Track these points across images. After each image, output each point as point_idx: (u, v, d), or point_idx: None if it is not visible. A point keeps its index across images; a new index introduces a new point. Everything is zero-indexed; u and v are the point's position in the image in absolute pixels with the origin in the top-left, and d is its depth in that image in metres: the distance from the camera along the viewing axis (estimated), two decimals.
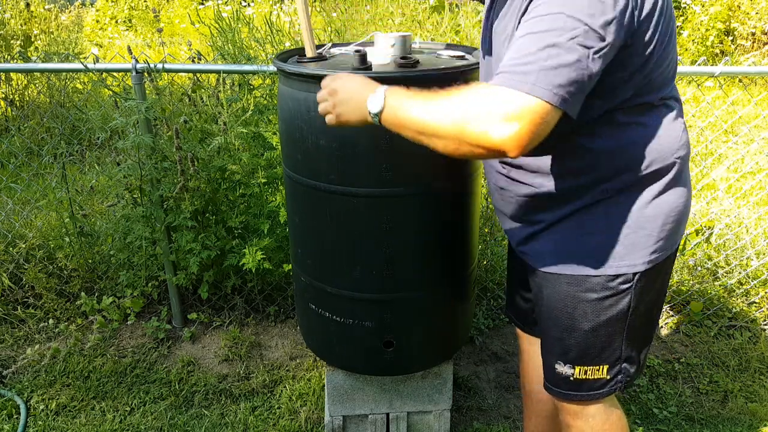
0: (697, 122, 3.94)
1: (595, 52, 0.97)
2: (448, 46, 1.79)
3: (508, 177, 1.30)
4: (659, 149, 1.17)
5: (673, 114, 1.20)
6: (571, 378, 1.33)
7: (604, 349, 1.29)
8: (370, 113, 1.10)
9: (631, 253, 1.21)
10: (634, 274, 1.22)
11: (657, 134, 1.17)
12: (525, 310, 1.58)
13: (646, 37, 1.06)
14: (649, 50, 1.08)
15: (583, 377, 1.32)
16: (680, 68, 2.23)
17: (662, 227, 1.21)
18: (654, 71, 1.11)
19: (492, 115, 0.95)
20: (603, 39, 0.97)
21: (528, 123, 0.94)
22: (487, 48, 1.29)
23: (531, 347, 1.63)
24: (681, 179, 1.23)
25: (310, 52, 1.56)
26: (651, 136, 1.17)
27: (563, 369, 1.33)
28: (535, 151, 1.04)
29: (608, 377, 1.32)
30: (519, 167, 1.26)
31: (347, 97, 1.14)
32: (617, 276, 1.22)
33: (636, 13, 1.02)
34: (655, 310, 1.34)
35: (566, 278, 1.26)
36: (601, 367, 1.31)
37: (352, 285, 1.60)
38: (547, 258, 1.29)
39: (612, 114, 1.13)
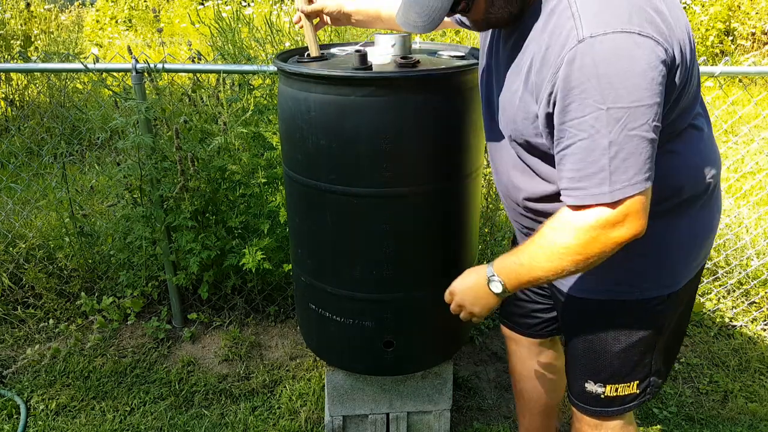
0: None
1: (651, 121, 0.95)
2: (449, 46, 1.79)
3: (536, 220, 1.28)
4: (694, 174, 1.16)
5: (701, 134, 1.17)
6: (602, 396, 1.33)
7: (636, 366, 1.30)
8: (499, 296, 1.19)
9: (666, 275, 1.21)
10: (668, 295, 1.21)
11: (689, 160, 1.15)
12: (519, 313, 1.57)
13: (678, 80, 1.03)
14: (680, 87, 1.05)
15: (614, 395, 1.33)
16: None
17: (697, 247, 1.21)
18: (683, 99, 1.09)
19: (604, 232, 1.00)
20: (651, 106, 0.94)
21: (633, 215, 0.99)
22: (488, 94, 1.27)
23: (519, 347, 1.63)
24: (714, 197, 1.22)
25: (314, 52, 1.56)
26: (683, 163, 1.14)
27: (594, 388, 1.33)
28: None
29: (638, 391, 1.33)
30: (549, 213, 1.19)
31: (472, 300, 1.23)
32: (652, 299, 1.21)
33: (670, 64, 0.98)
34: (684, 323, 1.34)
35: (598, 303, 1.25)
36: (632, 383, 1.32)
37: (352, 285, 1.59)
38: (578, 283, 1.27)
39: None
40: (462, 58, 1.61)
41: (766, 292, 2.63)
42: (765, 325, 2.59)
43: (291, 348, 2.44)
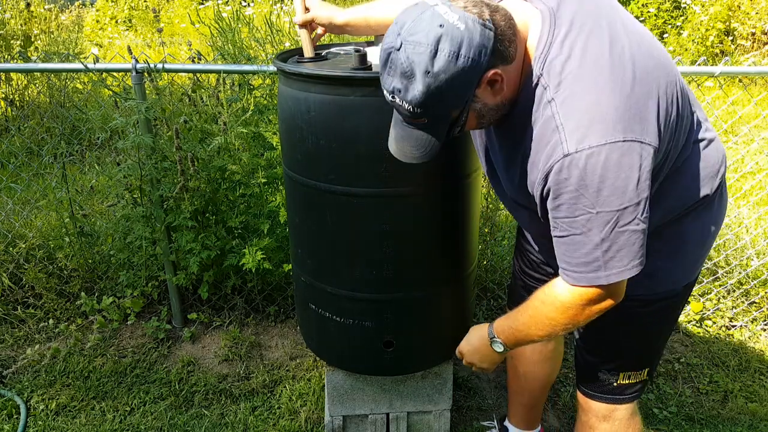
0: None
1: (641, 215, 1.00)
2: None
3: None
4: (701, 182, 1.19)
5: (703, 143, 1.19)
6: (614, 384, 1.40)
7: (648, 355, 1.38)
8: (501, 354, 1.33)
9: (681, 271, 1.26)
10: (683, 287, 1.28)
11: (696, 172, 1.18)
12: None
13: (668, 152, 1.09)
14: (671, 151, 1.10)
15: (626, 382, 1.39)
16: (680, 68, 2.23)
17: (708, 242, 1.27)
18: (675, 152, 1.13)
19: (592, 305, 1.11)
20: (639, 203, 0.99)
21: (620, 290, 1.10)
22: (488, 164, 1.31)
23: None
24: (722, 193, 1.27)
25: (308, 53, 1.56)
26: (691, 176, 1.18)
27: (607, 377, 1.39)
28: None
29: (647, 378, 1.41)
30: None
31: (480, 359, 1.39)
32: (668, 293, 1.27)
33: (657, 153, 1.01)
34: (683, 308, 1.42)
35: (634, 304, 1.28)
36: (643, 371, 1.39)
37: (352, 285, 1.59)
38: None
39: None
40: None
41: (766, 292, 2.63)
42: (765, 325, 2.59)
43: (291, 348, 2.44)
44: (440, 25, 0.93)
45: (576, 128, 0.96)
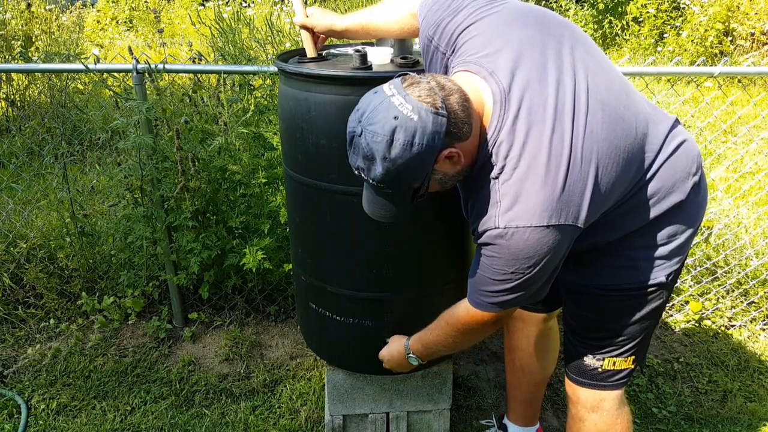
0: (696, 122, 3.94)
1: (551, 273, 1.18)
2: None
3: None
4: (673, 190, 1.25)
5: (669, 153, 1.24)
6: (600, 369, 1.44)
7: (636, 342, 1.41)
8: (414, 365, 1.54)
9: (670, 258, 1.31)
10: (669, 275, 1.32)
11: (665, 184, 1.24)
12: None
13: (611, 208, 1.21)
14: (618, 204, 1.22)
15: (612, 368, 1.43)
16: (680, 68, 2.24)
17: (689, 232, 1.31)
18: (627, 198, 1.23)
19: (482, 330, 1.32)
20: (554, 269, 1.18)
21: (512, 311, 1.30)
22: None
23: (527, 325, 1.73)
24: (700, 189, 1.31)
25: (310, 53, 1.57)
26: (662, 191, 1.25)
27: (592, 362, 1.44)
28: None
29: (633, 366, 1.44)
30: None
31: (397, 366, 1.59)
32: (659, 282, 1.31)
33: (583, 227, 1.13)
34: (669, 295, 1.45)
35: (606, 288, 1.35)
36: (629, 358, 1.43)
37: (352, 285, 1.60)
38: (592, 278, 1.36)
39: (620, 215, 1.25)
40: None
41: (765, 292, 2.63)
42: (764, 324, 2.60)
43: (291, 347, 2.45)
44: (395, 117, 1.03)
45: (508, 208, 1.09)
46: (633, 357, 1.43)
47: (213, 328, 2.56)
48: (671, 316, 2.63)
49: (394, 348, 1.56)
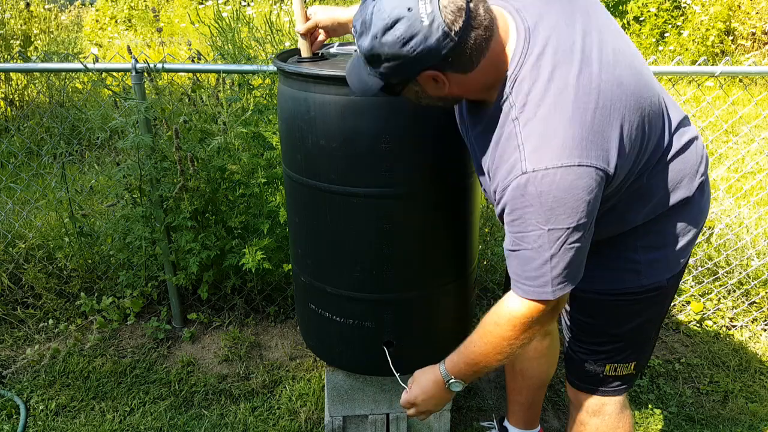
0: (697, 122, 3.93)
1: (587, 233, 1.07)
2: None
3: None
4: (681, 185, 1.22)
5: (681, 147, 1.21)
6: (601, 375, 1.41)
7: (636, 348, 1.39)
8: (457, 392, 1.32)
9: (666, 263, 1.29)
10: (667, 280, 1.30)
11: (675, 176, 1.21)
12: None
13: (626, 179, 1.13)
14: (632, 178, 1.15)
15: (613, 374, 1.41)
16: (681, 68, 2.24)
17: (690, 235, 1.29)
18: (637, 174, 1.17)
19: (534, 326, 1.17)
20: (588, 222, 1.05)
21: (561, 304, 1.17)
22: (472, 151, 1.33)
23: None
24: (704, 191, 1.29)
25: (305, 52, 1.56)
26: (671, 180, 1.21)
27: (593, 367, 1.41)
28: None
29: (634, 372, 1.42)
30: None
31: (435, 404, 1.35)
32: (654, 285, 1.30)
33: (610, 178, 1.06)
34: (670, 300, 1.43)
35: (604, 293, 1.33)
36: (630, 364, 1.40)
37: (352, 285, 1.59)
38: (588, 279, 1.32)
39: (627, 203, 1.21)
40: None
41: (766, 292, 2.63)
42: (765, 325, 2.59)
43: (291, 348, 2.44)
44: (408, 8, 0.95)
45: (535, 150, 1.01)
46: (635, 362, 1.40)
47: (212, 329, 2.55)
48: (672, 316, 2.62)
49: (425, 382, 1.34)
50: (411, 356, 1.70)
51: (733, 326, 2.58)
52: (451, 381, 1.29)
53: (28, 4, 4.90)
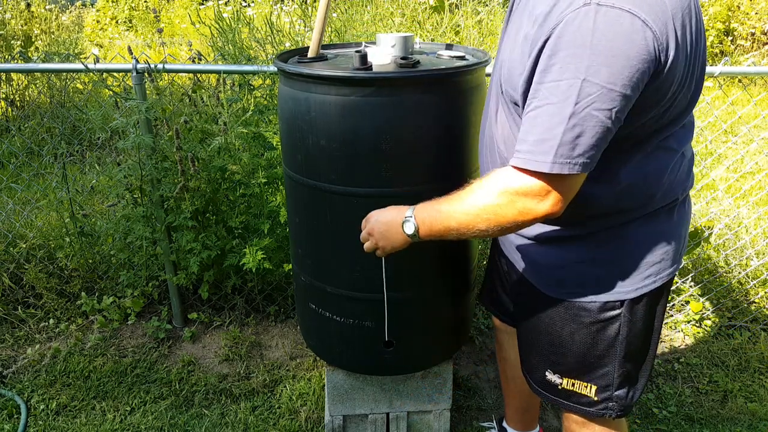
0: (697, 122, 3.94)
1: (616, 111, 0.95)
2: (449, 47, 1.79)
3: None
4: (654, 192, 1.16)
5: (674, 156, 1.16)
6: (559, 387, 1.37)
7: (594, 370, 1.31)
8: (409, 236, 1.21)
9: (620, 281, 1.22)
10: (622, 301, 1.23)
11: (653, 179, 1.15)
12: (506, 304, 1.61)
13: (669, 83, 1.00)
14: (669, 95, 1.02)
15: (571, 389, 1.35)
16: None
17: (652, 259, 1.21)
18: (667, 113, 1.07)
19: (524, 200, 1.03)
20: (624, 96, 0.94)
21: (557, 194, 1.01)
22: (499, 50, 1.26)
23: (511, 337, 1.67)
24: (677, 212, 1.22)
25: (313, 52, 1.56)
26: (648, 180, 1.14)
27: (552, 377, 1.37)
28: None
29: (596, 398, 1.33)
30: None
31: (384, 231, 1.26)
32: (606, 303, 1.23)
33: (658, 67, 0.96)
34: (652, 337, 1.33)
35: (555, 300, 1.29)
36: (589, 386, 1.33)
37: (352, 285, 1.60)
38: (542, 279, 1.31)
39: (611, 158, 1.09)
40: (462, 58, 1.61)
41: (765, 292, 2.63)
42: (765, 324, 2.60)
43: (291, 348, 2.45)
44: None
45: None
46: (595, 387, 1.32)
47: (213, 329, 2.55)
48: (672, 316, 2.63)
49: (388, 212, 1.27)
50: (411, 355, 1.71)
51: (733, 326, 2.59)
52: (408, 217, 1.20)
53: (28, 5, 4.91)
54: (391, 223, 1.24)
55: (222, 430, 2.07)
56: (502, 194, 1.04)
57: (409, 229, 1.19)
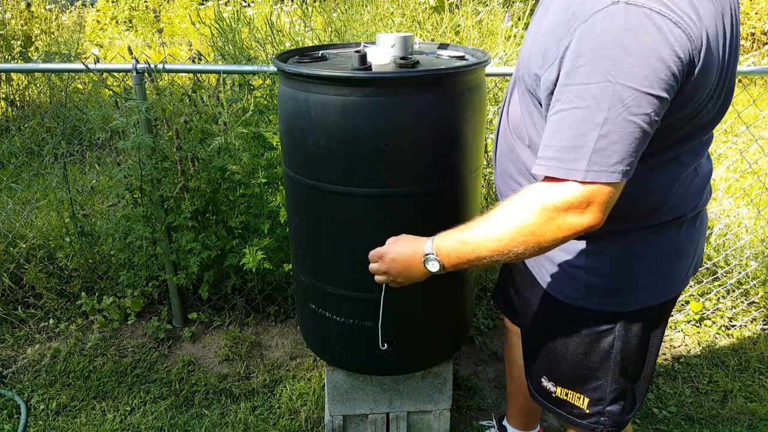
0: None
1: (654, 115, 0.90)
2: (449, 47, 1.79)
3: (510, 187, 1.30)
4: (659, 204, 1.11)
5: (685, 170, 1.10)
6: (553, 395, 1.36)
7: (586, 381, 1.29)
8: (432, 273, 1.13)
9: (615, 294, 1.18)
10: (616, 314, 1.20)
11: (660, 190, 1.10)
12: (517, 304, 1.60)
13: (697, 90, 0.96)
14: (696, 102, 0.98)
15: (564, 398, 1.34)
16: None
17: (652, 273, 1.17)
18: (689, 124, 1.02)
19: (564, 215, 0.94)
20: (661, 99, 0.89)
21: (597, 205, 0.93)
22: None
23: (520, 339, 1.66)
24: (685, 228, 1.17)
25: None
26: (654, 191, 1.10)
27: (547, 384, 1.36)
28: None
29: (588, 411, 1.31)
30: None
31: (403, 270, 1.17)
32: (600, 313, 1.21)
33: (694, 59, 0.91)
34: (648, 356, 1.29)
35: (558, 306, 1.26)
36: (582, 397, 1.30)
37: (352, 285, 1.60)
38: (545, 278, 1.28)
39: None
40: (462, 58, 1.61)
41: (765, 292, 2.63)
42: (764, 324, 2.60)
43: (291, 348, 2.45)
44: None
45: None
46: (588, 400, 1.28)
47: (213, 329, 2.55)
48: (672, 316, 2.63)
49: (406, 247, 1.17)
50: (411, 355, 1.71)
51: (733, 326, 2.59)
52: (429, 255, 1.10)
53: (29, 5, 4.91)
54: (410, 261, 1.15)
55: (222, 430, 2.07)
56: (540, 211, 0.95)
57: (434, 267, 1.11)
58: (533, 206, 0.96)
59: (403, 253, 1.16)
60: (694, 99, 0.96)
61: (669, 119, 0.96)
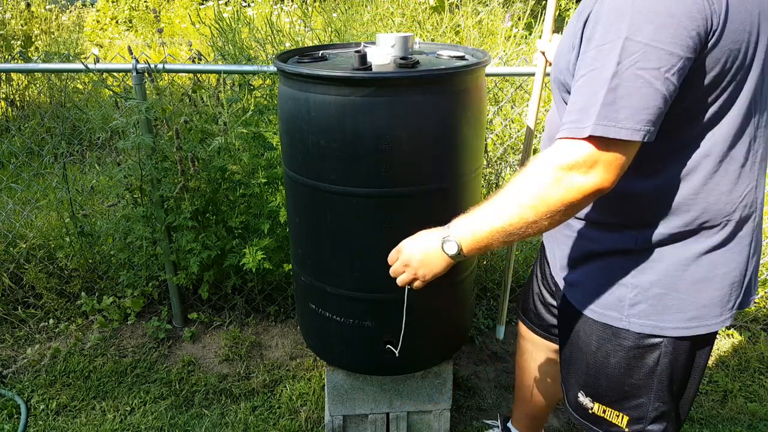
0: None
1: (665, 71, 0.88)
2: (448, 47, 1.79)
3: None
4: (705, 205, 1.04)
5: (733, 166, 1.03)
6: (590, 411, 1.29)
7: (627, 399, 1.22)
8: (451, 257, 1.10)
9: (661, 314, 1.11)
10: (663, 337, 1.13)
11: (704, 186, 1.03)
12: (542, 314, 1.59)
13: (721, 55, 0.93)
14: (723, 69, 0.95)
15: (601, 415, 1.27)
16: None
17: (700, 295, 1.09)
18: (722, 95, 0.98)
19: (569, 174, 0.92)
20: (671, 54, 0.88)
21: (605, 164, 0.91)
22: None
23: (534, 348, 1.66)
24: (734, 244, 1.08)
25: (546, 35, 1.60)
26: (695, 187, 1.03)
27: (584, 400, 1.29)
28: None
29: (627, 430, 1.25)
30: None
31: (423, 259, 1.14)
32: (645, 335, 1.14)
33: (713, 20, 0.90)
34: (693, 374, 1.22)
35: (597, 324, 1.20)
36: (621, 415, 1.24)
37: (352, 285, 1.60)
38: (582, 297, 1.23)
39: (659, 151, 1.00)
40: (462, 58, 1.61)
41: (765, 292, 2.63)
42: (765, 324, 2.60)
43: (291, 348, 2.45)
44: None
45: None
46: (627, 419, 1.22)
47: (213, 328, 2.55)
48: None
49: (422, 236, 1.16)
50: (411, 355, 1.71)
51: (733, 326, 2.59)
52: (447, 237, 1.08)
53: (28, 5, 4.91)
54: (428, 249, 1.13)
55: (222, 430, 2.07)
56: (546, 173, 0.94)
57: (452, 249, 1.08)
58: (540, 167, 0.95)
59: (421, 243, 1.15)
60: (720, 63, 0.94)
61: (698, 89, 0.95)
